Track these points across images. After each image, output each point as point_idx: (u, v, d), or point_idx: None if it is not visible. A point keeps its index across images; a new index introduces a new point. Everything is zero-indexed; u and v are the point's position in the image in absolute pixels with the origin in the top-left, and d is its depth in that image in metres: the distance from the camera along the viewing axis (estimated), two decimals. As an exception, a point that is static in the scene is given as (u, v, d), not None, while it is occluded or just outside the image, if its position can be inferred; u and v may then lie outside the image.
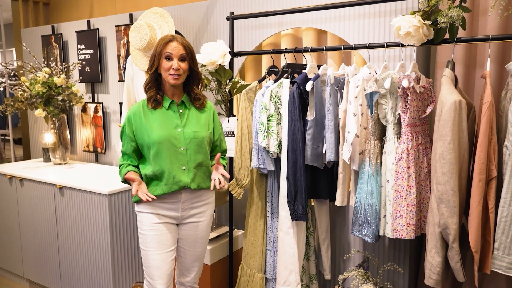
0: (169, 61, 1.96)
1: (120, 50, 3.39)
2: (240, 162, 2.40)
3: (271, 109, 2.23)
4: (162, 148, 1.99)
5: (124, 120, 2.10)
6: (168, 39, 1.99)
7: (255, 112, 2.31)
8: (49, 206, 3.04)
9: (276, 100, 2.24)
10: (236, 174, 2.42)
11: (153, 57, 1.99)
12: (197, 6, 2.99)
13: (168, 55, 1.96)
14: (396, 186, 1.96)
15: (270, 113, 2.23)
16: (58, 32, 3.83)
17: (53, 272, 3.12)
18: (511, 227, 1.68)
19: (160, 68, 1.99)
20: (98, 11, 4.13)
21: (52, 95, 3.36)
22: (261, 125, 2.23)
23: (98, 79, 3.55)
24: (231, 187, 2.44)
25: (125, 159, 2.09)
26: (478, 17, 2.24)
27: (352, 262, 2.55)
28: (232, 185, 2.44)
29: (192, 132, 2.03)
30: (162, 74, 2.00)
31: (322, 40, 2.76)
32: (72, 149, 3.89)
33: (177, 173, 2.01)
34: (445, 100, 1.76)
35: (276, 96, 2.24)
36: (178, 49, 1.97)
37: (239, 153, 2.40)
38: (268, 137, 2.23)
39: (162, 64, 1.98)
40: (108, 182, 2.91)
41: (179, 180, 2.02)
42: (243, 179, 2.40)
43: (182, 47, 1.98)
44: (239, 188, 2.43)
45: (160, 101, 2.03)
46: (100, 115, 3.59)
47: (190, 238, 2.14)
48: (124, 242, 2.78)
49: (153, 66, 1.99)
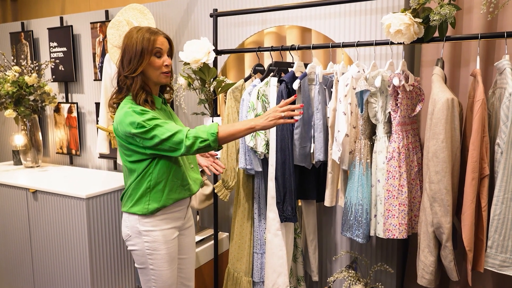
0: (160, 58, 1.77)
1: (95, 48, 3.26)
2: (227, 163, 2.33)
3: (258, 108, 2.17)
4: None
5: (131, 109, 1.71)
6: (153, 32, 1.75)
7: (242, 111, 2.25)
8: (22, 211, 2.88)
9: (263, 99, 2.18)
10: (223, 175, 2.35)
11: (138, 56, 1.71)
12: (178, 3, 2.90)
13: (158, 50, 1.75)
14: (388, 185, 1.94)
15: (257, 112, 2.17)
16: (28, 29, 3.65)
17: (26, 282, 2.96)
18: (504, 225, 1.68)
19: (147, 68, 1.76)
20: (71, 7, 3.97)
21: (22, 95, 3.20)
22: None
23: (72, 78, 3.41)
24: (217, 189, 2.37)
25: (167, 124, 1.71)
26: (463, 15, 2.25)
27: (340, 263, 2.52)
28: (218, 187, 2.37)
29: None
30: (149, 73, 1.77)
31: (306, 38, 2.72)
32: (45, 151, 3.72)
33: (190, 172, 1.90)
34: (437, 99, 1.75)
35: (264, 95, 2.18)
36: (166, 43, 1.79)
37: (225, 153, 2.34)
38: (255, 137, 2.17)
39: (152, 63, 1.75)
40: (85, 185, 2.78)
41: (196, 178, 1.90)
42: (230, 181, 2.34)
43: (167, 41, 1.81)
44: (225, 190, 2.36)
45: (154, 102, 1.82)
46: (75, 115, 3.44)
47: (189, 244, 2.05)
48: (103, 249, 2.66)
49: (140, 65, 1.72)
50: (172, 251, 1.88)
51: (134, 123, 1.67)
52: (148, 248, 1.84)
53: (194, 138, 1.66)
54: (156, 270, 1.86)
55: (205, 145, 1.65)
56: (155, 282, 1.88)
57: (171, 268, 1.89)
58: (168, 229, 1.86)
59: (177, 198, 1.85)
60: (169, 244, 1.87)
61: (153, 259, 1.85)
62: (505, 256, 1.70)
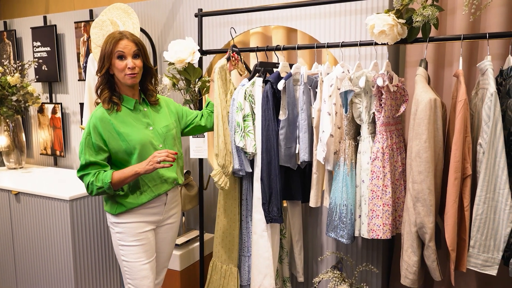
0: (123, 60, 1.83)
1: (80, 47, 3.22)
2: (224, 146, 2.14)
3: (246, 109, 2.16)
4: (145, 150, 1.89)
5: (86, 130, 1.87)
6: (118, 37, 1.85)
7: (232, 111, 2.22)
8: (4, 214, 2.83)
9: (250, 100, 2.17)
10: (221, 160, 2.13)
11: (102, 57, 1.84)
12: (163, 2, 2.88)
13: (120, 53, 1.83)
14: (372, 185, 1.94)
15: (245, 113, 2.16)
16: (11, 28, 3.60)
17: (9, 285, 2.91)
18: (486, 225, 1.70)
19: (112, 69, 1.86)
20: (55, 7, 3.92)
21: (5, 95, 3.15)
22: (237, 125, 2.16)
23: (56, 78, 3.36)
24: (216, 177, 2.14)
25: (94, 168, 1.85)
26: (446, 16, 2.27)
27: (325, 264, 2.52)
28: (217, 174, 2.14)
29: (163, 127, 1.99)
30: (116, 74, 1.86)
31: (292, 39, 2.72)
32: (28, 152, 3.67)
33: (163, 171, 1.95)
34: (420, 99, 1.76)
35: (250, 95, 2.17)
36: (130, 46, 1.85)
37: (222, 136, 2.17)
38: (245, 138, 2.16)
39: (115, 65, 1.84)
40: (69, 187, 2.74)
41: (168, 177, 1.96)
42: (229, 165, 2.17)
43: (134, 44, 1.87)
44: (225, 177, 2.17)
45: (118, 102, 1.89)
46: (59, 116, 3.39)
47: (166, 240, 2.10)
48: (87, 251, 2.63)
49: (103, 67, 1.84)
50: (144, 244, 1.95)
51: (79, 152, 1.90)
52: (119, 239, 1.95)
53: (91, 186, 1.84)
54: (127, 261, 1.95)
55: (102, 191, 1.84)
56: (128, 274, 1.97)
57: (142, 261, 1.95)
58: (138, 223, 1.94)
59: (140, 202, 1.92)
60: (138, 236, 1.93)
61: (123, 250, 1.95)
62: (487, 256, 1.71)
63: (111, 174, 1.82)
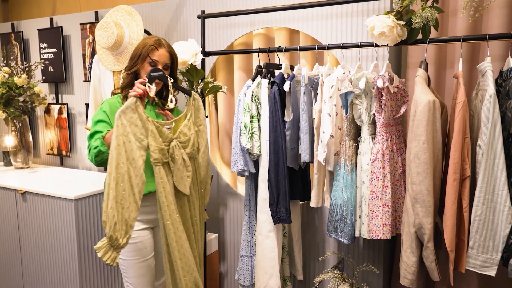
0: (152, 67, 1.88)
1: (85, 49, 3.26)
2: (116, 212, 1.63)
3: (253, 110, 2.18)
4: None
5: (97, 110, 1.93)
6: (156, 43, 1.90)
7: (238, 112, 2.24)
8: (11, 213, 2.88)
9: (256, 101, 2.19)
10: (109, 230, 1.62)
11: (136, 57, 1.90)
12: (166, 4, 2.91)
13: (153, 61, 1.89)
14: (372, 186, 1.95)
15: (252, 114, 2.18)
16: (18, 30, 3.65)
17: (15, 284, 2.96)
18: (485, 225, 1.70)
19: (140, 69, 1.91)
20: (61, 9, 3.97)
21: (12, 96, 3.20)
22: (244, 126, 2.17)
23: (62, 79, 3.41)
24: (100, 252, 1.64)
25: (98, 134, 1.85)
26: (448, 17, 2.27)
27: (326, 263, 2.53)
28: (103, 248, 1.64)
29: None
30: (141, 76, 1.91)
31: (295, 40, 2.73)
32: (35, 152, 3.72)
33: None
34: (419, 100, 1.77)
35: (256, 97, 2.19)
36: (164, 57, 1.91)
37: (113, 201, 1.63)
38: (252, 139, 2.18)
39: (144, 67, 1.90)
40: (75, 187, 2.78)
41: None
42: (121, 237, 1.66)
43: (169, 56, 1.93)
44: (113, 252, 1.67)
45: None
46: (65, 116, 3.44)
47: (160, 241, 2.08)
48: (92, 250, 2.66)
49: (134, 66, 1.90)
50: (137, 243, 1.95)
51: None
52: None
53: (91, 150, 1.83)
54: (123, 259, 1.97)
55: (97, 150, 1.81)
56: (125, 272, 2.00)
57: (137, 260, 1.96)
58: None
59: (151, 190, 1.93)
60: (133, 234, 1.93)
61: None
62: (486, 257, 1.71)
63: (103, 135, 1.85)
